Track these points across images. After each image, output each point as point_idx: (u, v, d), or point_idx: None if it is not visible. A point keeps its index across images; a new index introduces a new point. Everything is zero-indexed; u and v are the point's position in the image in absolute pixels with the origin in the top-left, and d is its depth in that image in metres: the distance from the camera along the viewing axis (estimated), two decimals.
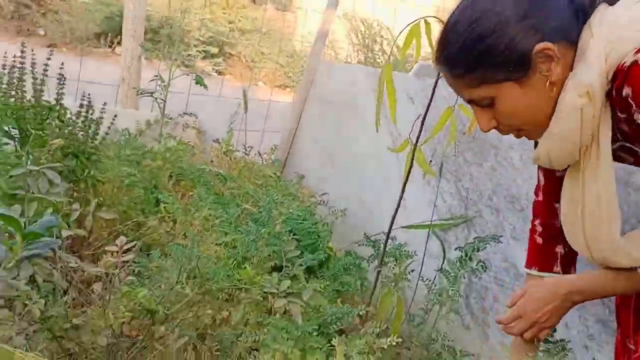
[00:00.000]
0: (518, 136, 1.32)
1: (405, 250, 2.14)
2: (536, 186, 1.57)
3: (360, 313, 1.49)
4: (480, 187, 2.34)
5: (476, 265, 2.12)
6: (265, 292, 1.41)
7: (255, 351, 1.55)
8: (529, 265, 1.56)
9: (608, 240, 1.22)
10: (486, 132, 1.27)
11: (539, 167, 1.55)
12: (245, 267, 1.47)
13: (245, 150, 2.88)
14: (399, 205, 1.84)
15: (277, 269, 1.73)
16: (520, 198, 2.18)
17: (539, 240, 1.53)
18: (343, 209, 2.74)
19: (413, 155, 1.76)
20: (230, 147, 2.75)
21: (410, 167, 1.76)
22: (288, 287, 1.44)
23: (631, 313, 1.46)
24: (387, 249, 2.12)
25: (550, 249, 1.50)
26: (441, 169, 2.38)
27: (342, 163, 3.08)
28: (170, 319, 1.38)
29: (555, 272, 1.48)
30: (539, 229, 1.53)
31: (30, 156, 1.48)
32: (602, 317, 1.87)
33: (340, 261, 1.98)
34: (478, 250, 2.11)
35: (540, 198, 1.54)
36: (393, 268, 2.13)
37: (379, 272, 1.86)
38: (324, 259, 1.95)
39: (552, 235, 1.49)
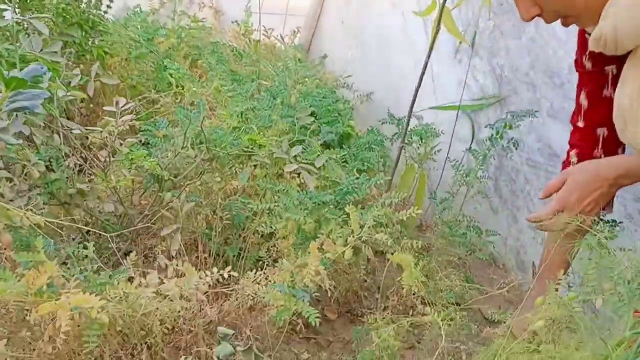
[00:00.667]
0: (566, 24, 1.14)
1: (431, 129, 2.02)
2: (574, 112, 1.36)
3: (379, 182, 1.40)
4: (517, 62, 2.14)
5: (507, 144, 1.99)
6: (275, 157, 1.33)
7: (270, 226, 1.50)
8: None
9: None
10: (528, 21, 1.10)
11: (582, 87, 1.33)
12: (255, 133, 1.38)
13: (266, 32, 2.71)
14: (423, 74, 1.69)
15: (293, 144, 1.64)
16: (560, 72, 1.99)
17: None
18: (368, 93, 2.60)
19: (440, 17, 1.58)
20: (249, 28, 2.59)
21: (437, 30, 1.59)
22: (300, 153, 1.35)
23: None
24: (413, 128, 2.01)
25: None
26: (474, 41, 2.18)
27: (368, 45, 2.89)
28: (178, 186, 1.32)
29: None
30: (574, 160, 1.36)
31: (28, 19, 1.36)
32: None
33: (361, 139, 1.87)
34: (510, 128, 1.97)
35: (581, 124, 1.34)
36: (418, 148, 2.02)
37: (401, 148, 1.76)
38: (343, 135, 1.86)
39: None
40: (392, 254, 1.42)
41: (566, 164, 1.39)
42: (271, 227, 1.38)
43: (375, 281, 1.82)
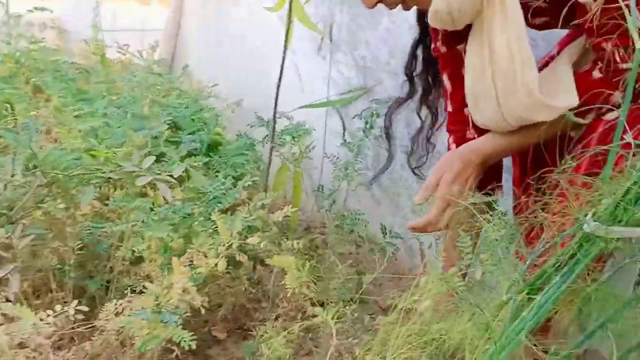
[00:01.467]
0: (406, 8, 1.17)
1: (302, 128, 1.97)
2: (444, 97, 1.39)
3: (247, 185, 1.32)
4: (377, 53, 2.16)
5: (380, 133, 1.99)
6: (125, 172, 1.19)
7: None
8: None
9: (525, 90, 1.09)
10: (370, 8, 1.12)
11: (443, 71, 1.36)
12: (99, 149, 1.24)
13: (121, 48, 2.54)
14: (282, 71, 1.64)
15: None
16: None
17: None
18: (237, 100, 2.51)
19: (290, 10, 1.54)
20: (100, 45, 2.40)
21: (289, 22, 1.55)
22: (159, 166, 1.23)
23: (530, 153, 1.40)
24: (283, 129, 1.95)
25: None
26: (331, 36, 2.18)
27: (232, 52, 2.81)
28: (15, 220, 1.14)
29: None
30: (453, 146, 1.40)
31: None
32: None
33: (230, 145, 1.78)
34: (378, 116, 1.97)
35: (450, 108, 1.38)
36: (291, 147, 1.96)
37: (271, 148, 1.69)
38: (211, 144, 1.75)
39: None
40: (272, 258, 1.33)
41: (448, 149, 1.42)
42: (133, 250, 1.25)
43: (264, 291, 1.73)
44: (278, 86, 1.66)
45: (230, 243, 1.19)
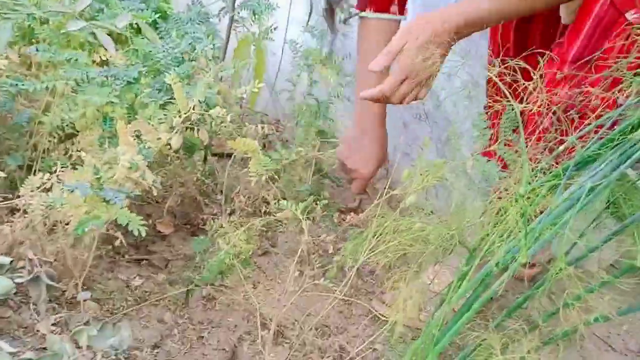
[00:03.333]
0: None
1: (265, 3, 1.71)
2: None
3: (204, 49, 1.09)
4: None
5: (346, 17, 1.77)
6: (53, 15, 0.93)
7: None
8: (362, 5, 1.33)
9: None
10: None
11: None
12: None
13: None
14: None
15: None
16: None
17: None
18: None
19: None
20: None
21: None
22: (91, 18, 0.97)
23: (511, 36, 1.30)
24: (244, 2, 1.69)
25: None
26: None
27: None
28: None
29: (392, 13, 1.30)
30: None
31: None
32: None
33: (182, 15, 1.51)
34: None
35: None
36: (251, 25, 1.71)
37: (231, 17, 1.44)
38: (158, 11, 1.47)
39: None
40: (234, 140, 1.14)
41: None
42: (62, 120, 1.01)
43: (217, 184, 1.53)
44: None
45: (188, 114, 0.98)
